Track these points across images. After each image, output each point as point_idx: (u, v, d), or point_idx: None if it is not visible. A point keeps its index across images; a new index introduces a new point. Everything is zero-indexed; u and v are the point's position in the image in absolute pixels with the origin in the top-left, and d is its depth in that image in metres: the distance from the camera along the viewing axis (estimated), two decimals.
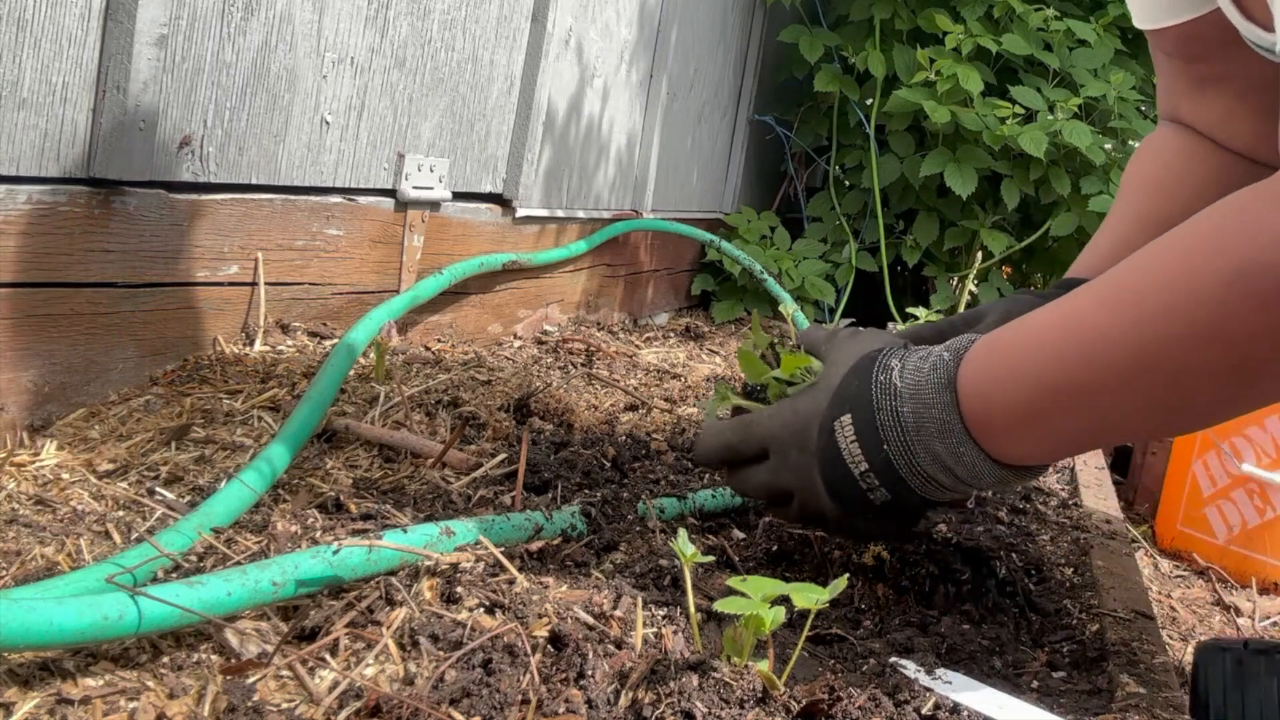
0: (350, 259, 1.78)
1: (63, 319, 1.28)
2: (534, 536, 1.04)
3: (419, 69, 1.86)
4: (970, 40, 3.09)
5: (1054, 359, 0.88)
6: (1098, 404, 0.87)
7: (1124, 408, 0.86)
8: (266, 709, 0.74)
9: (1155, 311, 0.83)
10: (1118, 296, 0.87)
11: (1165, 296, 0.82)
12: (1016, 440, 0.91)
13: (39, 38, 1.18)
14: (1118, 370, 0.85)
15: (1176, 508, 2.13)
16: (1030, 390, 0.89)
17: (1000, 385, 0.90)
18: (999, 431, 0.91)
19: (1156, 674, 1.00)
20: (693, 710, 0.73)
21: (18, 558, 0.94)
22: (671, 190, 3.10)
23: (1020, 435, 0.91)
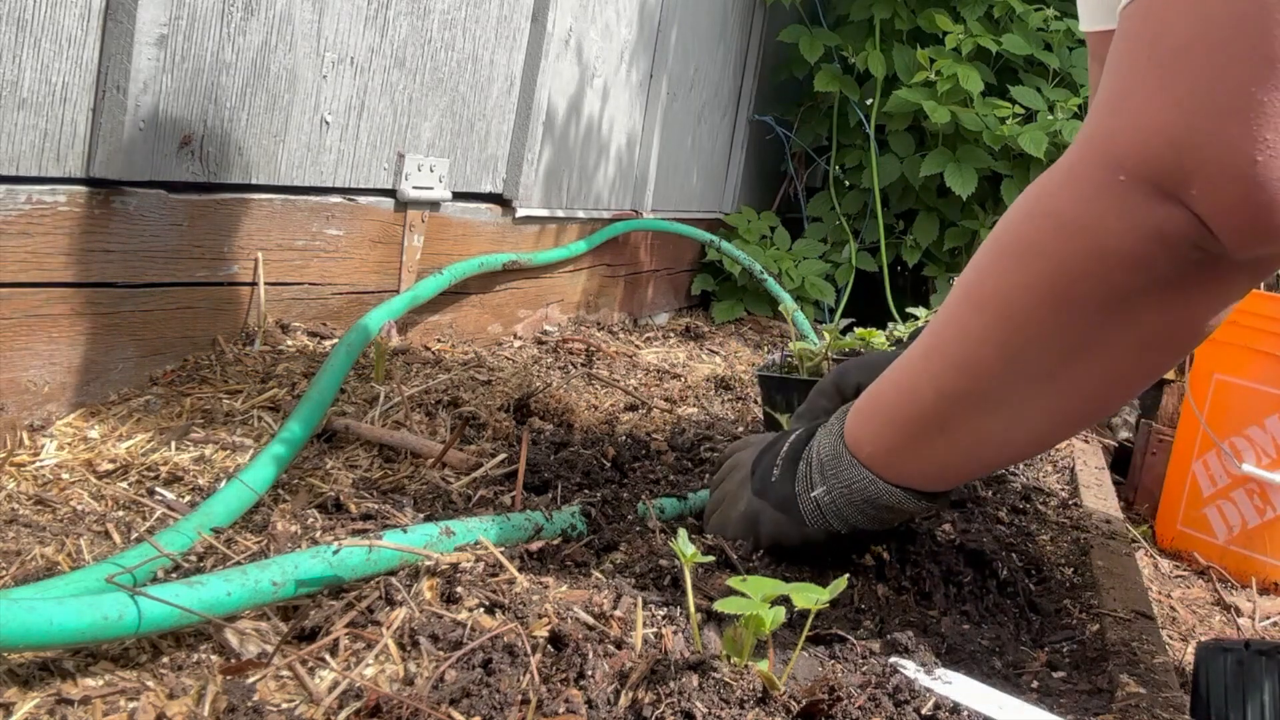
0: (350, 259, 1.78)
1: (63, 319, 1.28)
2: (534, 536, 1.04)
3: (419, 69, 1.86)
4: (970, 40, 3.09)
5: (912, 380, 0.97)
6: (955, 401, 0.94)
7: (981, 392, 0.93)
8: (266, 709, 0.74)
9: (965, 309, 0.93)
10: (945, 310, 0.96)
11: (970, 297, 0.93)
12: (901, 459, 0.99)
13: (39, 38, 1.18)
14: (958, 362, 0.93)
15: (1176, 508, 2.13)
16: (896, 410, 0.98)
17: (871, 415, 1.01)
18: (869, 438, 1.00)
19: (1156, 674, 1.00)
20: (693, 710, 0.73)
21: (18, 558, 0.94)
22: (671, 190, 3.10)
23: (903, 451, 0.98)
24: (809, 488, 1.03)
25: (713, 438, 1.57)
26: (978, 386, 0.91)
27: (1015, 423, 0.93)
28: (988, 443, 0.96)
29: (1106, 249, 0.82)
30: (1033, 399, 0.91)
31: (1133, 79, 0.81)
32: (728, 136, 3.46)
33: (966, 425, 0.94)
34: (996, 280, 0.89)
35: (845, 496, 1.01)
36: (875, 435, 0.99)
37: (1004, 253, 0.90)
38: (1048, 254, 0.85)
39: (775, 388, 1.71)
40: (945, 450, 0.97)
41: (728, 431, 1.66)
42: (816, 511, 1.03)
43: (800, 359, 1.74)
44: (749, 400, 1.99)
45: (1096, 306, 0.84)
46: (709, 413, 1.85)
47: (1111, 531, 1.52)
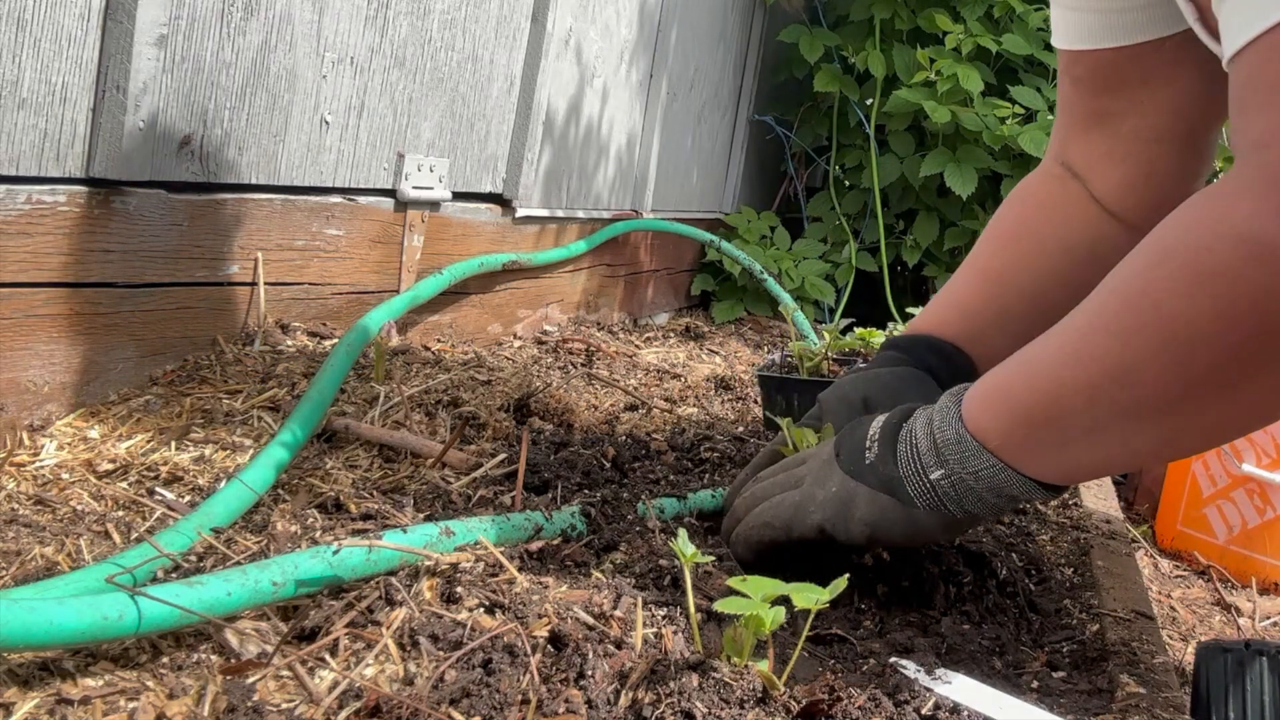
0: (350, 259, 1.78)
1: (63, 319, 1.28)
2: (534, 536, 1.04)
3: (419, 69, 1.86)
4: (970, 40, 3.09)
5: (1054, 382, 0.95)
6: (1090, 402, 0.92)
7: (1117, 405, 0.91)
8: (266, 709, 0.74)
9: (1119, 313, 0.91)
10: (1092, 308, 0.94)
11: (1124, 302, 0.91)
12: (1028, 450, 0.96)
13: (39, 38, 1.18)
14: (1101, 364, 0.91)
15: (1176, 508, 2.13)
16: (1031, 397, 0.96)
17: (1001, 408, 0.98)
18: (999, 429, 0.97)
19: (1156, 674, 1.00)
20: (693, 710, 0.73)
21: (18, 558, 0.94)
22: (671, 190, 3.10)
23: (1036, 448, 0.96)
24: (921, 469, 1.00)
25: (713, 438, 1.57)
26: (1139, 400, 0.90)
27: (1171, 434, 0.92)
28: (1137, 451, 0.94)
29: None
30: (1199, 414, 0.90)
31: None
32: (728, 136, 3.46)
33: (1118, 434, 0.92)
34: (1174, 303, 0.87)
35: (968, 483, 0.99)
36: (1007, 430, 0.97)
37: (1183, 272, 0.87)
38: (1239, 279, 0.83)
39: (775, 388, 1.71)
40: (1086, 453, 0.95)
41: (728, 431, 1.66)
42: (930, 494, 1.00)
43: (800, 359, 1.74)
44: (749, 400, 1.99)
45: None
46: (709, 413, 1.85)
47: (1111, 531, 1.52)
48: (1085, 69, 1.22)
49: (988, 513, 1.02)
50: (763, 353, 2.71)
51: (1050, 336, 0.97)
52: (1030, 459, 0.97)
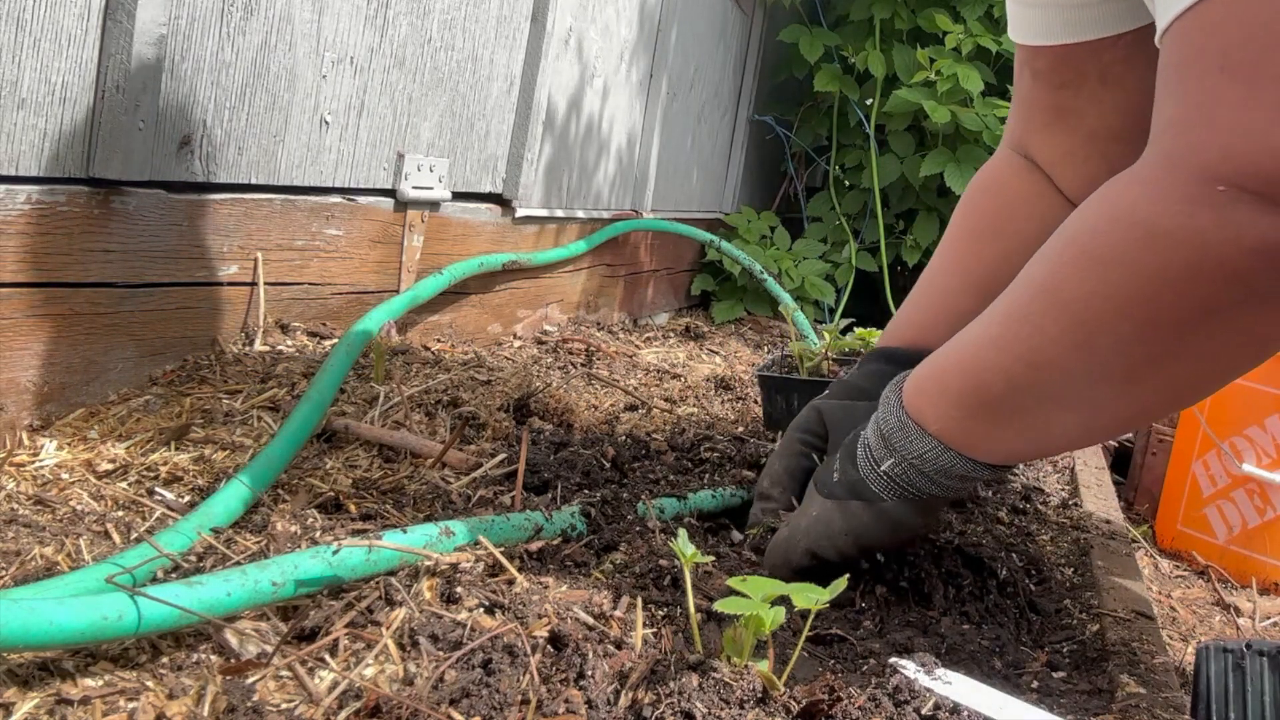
0: (350, 259, 1.78)
1: (63, 319, 1.28)
2: (534, 537, 1.04)
3: (419, 69, 1.86)
4: (970, 40, 3.09)
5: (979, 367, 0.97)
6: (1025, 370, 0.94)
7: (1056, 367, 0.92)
8: (266, 709, 0.74)
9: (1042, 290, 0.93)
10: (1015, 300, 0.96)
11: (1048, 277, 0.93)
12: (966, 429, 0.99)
13: (38, 37, 1.18)
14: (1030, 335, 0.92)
15: (1176, 508, 2.13)
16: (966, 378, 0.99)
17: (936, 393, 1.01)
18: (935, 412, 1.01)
19: (1156, 674, 1.00)
20: (693, 710, 0.73)
21: (18, 558, 0.94)
22: (671, 190, 3.09)
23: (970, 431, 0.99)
24: (874, 464, 1.04)
25: (713, 438, 1.57)
26: (1051, 383, 0.92)
27: (1088, 417, 0.94)
28: (1058, 433, 0.96)
29: (1204, 262, 0.81)
30: (1109, 397, 0.91)
31: (1209, 92, 0.80)
32: (728, 136, 3.46)
33: (1037, 416, 0.95)
34: (1077, 285, 0.89)
35: (916, 467, 1.02)
36: (943, 413, 1.00)
37: (1086, 257, 0.89)
38: (1136, 265, 0.84)
39: (775, 388, 1.71)
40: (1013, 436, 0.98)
41: (728, 431, 1.66)
42: (889, 484, 1.03)
43: (800, 359, 1.74)
44: (749, 400, 1.99)
45: (1187, 318, 0.83)
46: (709, 413, 1.85)
47: (1111, 531, 1.52)
48: (1046, 64, 1.23)
49: (943, 493, 1.04)
50: (763, 353, 2.71)
51: (979, 321, 0.99)
52: (967, 440, 0.99)
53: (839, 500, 1.06)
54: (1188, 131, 0.83)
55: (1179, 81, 0.84)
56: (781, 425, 1.67)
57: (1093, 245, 0.88)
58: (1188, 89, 0.83)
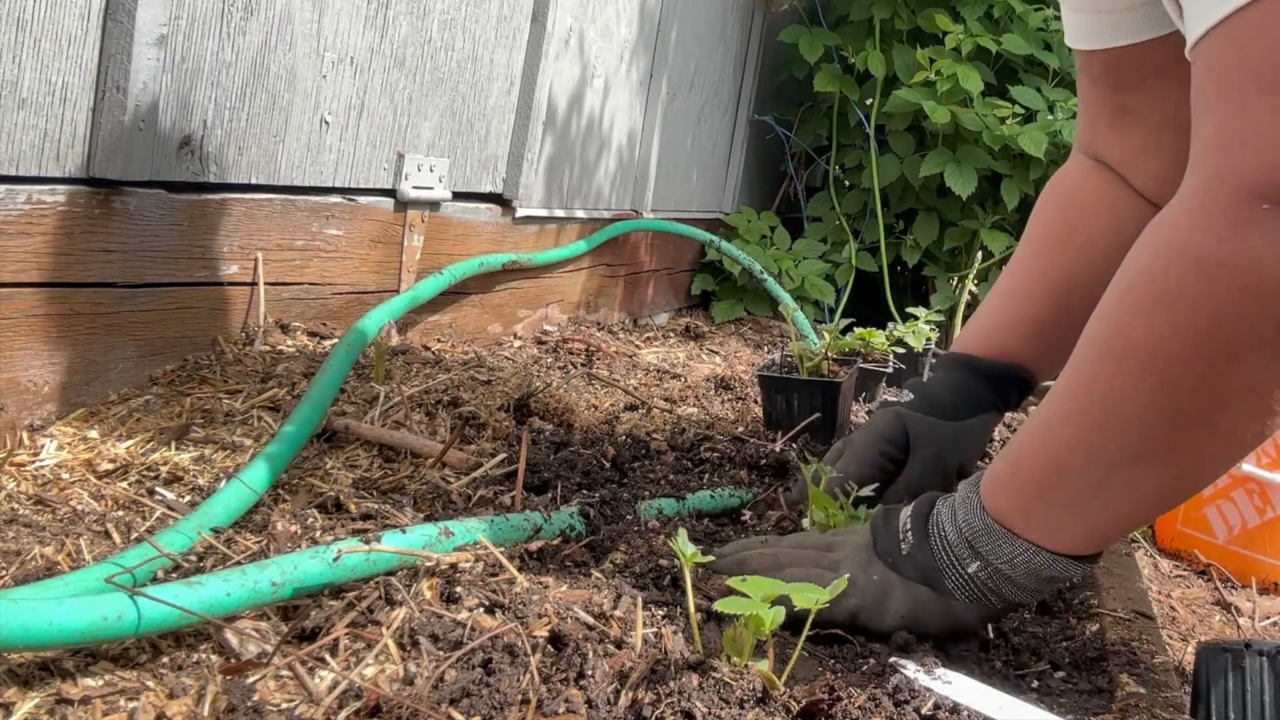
0: (350, 259, 1.78)
1: (63, 319, 1.28)
2: (532, 537, 1.04)
3: (419, 69, 1.86)
4: (970, 40, 3.09)
5: (1054, 447, 0.94)
6: (1095, 460, 0.91)
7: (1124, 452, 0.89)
8: (266, 709, 0.74)
9: (1097, 368, 0.91)
10: (1078, 372, 0.93)
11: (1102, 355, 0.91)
12: (1049, 523, 0.95)
13: (38, 38, 1.18)
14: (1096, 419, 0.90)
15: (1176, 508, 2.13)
16: (1038, 472, 0.95)
17: (1015, 488, 0.97)
18: (1020, 510, 0.96)
19: (1156, 674, 1.00)
20: (693, 710, 0.73)
21: (18, 558, 0.94)
22: (671, 190, 3.10)
23: (1058, 521, 0.95)
24: (956, 562, 0.98)
25: (713, 438, 1.57)
26: (1132, 443, 0.89)
27: (1178, 472, 0.90)
28: (1147, 498, 0.92)
29: (1263, 283, 0.80)
30: (1194, 444, 0.88)
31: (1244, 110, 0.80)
32: (728, 136, 3.46)
33: (1123, 484, 0.91)
34: (1144, 330, 0.86)
35: (1004, 572, 0.97)
36: (1026, 507, 0.95)
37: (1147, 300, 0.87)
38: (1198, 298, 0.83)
39: (775, 388, 1.71)
40: (1102, 512, 0.93)
41: (728, 431, 1.66)
42: (970, 587, 0.98)
43: (800, 359, 1.74)
44: (749, 400, 1.99)
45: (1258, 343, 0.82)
46: (709, 413, 1.85)
47: None
48: (1100, 67, 1.23)
49: (1027, 598, 1.00)
50: (763, 353, 2.71)
51: (1046, 400, 0.96)
52: (1053, 532, 0.95)
53: (904, 579, 0.99)
54: (1225, 152, 0.82)
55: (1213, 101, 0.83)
56: (782, 425, 1.67)
57: (1151, 288, 0.86)
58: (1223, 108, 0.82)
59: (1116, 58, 1.19)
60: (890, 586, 0.99)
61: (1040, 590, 0.99)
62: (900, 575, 1.00)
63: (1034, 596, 1.00)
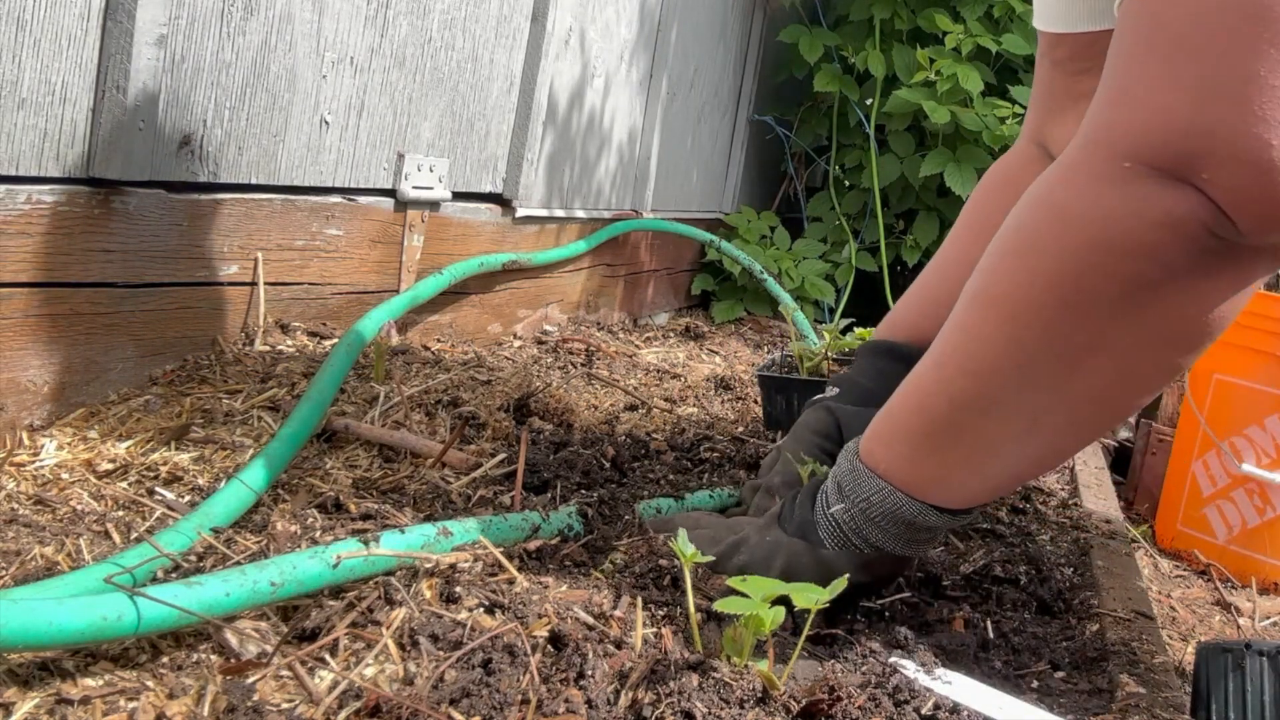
0: (350, 259, 1.78)
1: (63, 319, 1.28)
2: (530, 536, 1.04)
3: (419, 69, 1.86)
4: (970, 40, 3.09)
5: (922, 390, 0.96)
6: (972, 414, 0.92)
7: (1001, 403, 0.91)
8: (266, 709, 0.74)
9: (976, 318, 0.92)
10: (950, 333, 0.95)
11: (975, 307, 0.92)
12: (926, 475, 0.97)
13: (38, 37, 1.18)
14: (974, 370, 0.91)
15: (1176, 508, 2.13)
16: (917, 422, 0.97)
17: (886, 430, 0.99)
18: (884, 450, 0.98)
19: (1156, 674, 1.00)
20: (693, 710, 0.73)
21: (18, 558, 0.94)
22: (671, 190, 3.10)
23: (919, 465, 0.96)
24: (826, 506, 1.01)
25: (712, 438, 1.57)
26: (988, 391, 0.90)
27: (1028, 431, 0.91)
28: (1002, 454, 0.93)
29: (1112, 239, 0.81)
30: (1045, 404, 0.89)
31: (1133, 71, 0.81)
32: (728, 136, 3.46)
33: (979, 434, 0.92)
34: (1001, 280, 0.88)
35: (864, 512, 0.98)
36: (890, 449, 0.97)
37: (1007, 251, 0.89)
38: (1050, 249, 0.84)
39: (775, 388, 1.71)
40: (960, 463, 0.94)
41: (728, 431, 1.66)
42: (837, 531, 0.99)
43: (800, 359, 1.74)
44: (749, 400, 1.99)
45: (1106, 300, 0.83)
46: (709, 413, 1.85)
47: (1111, 531, 1.52)
48: (1066, 51, 1.23)
49: (892, 545, 1.00)
50: (763, 353, 2.71)
51: (930, 348, 0.98)
52: (914, 477, 0.96)
53: (791, 538, 1.02)
54: (1106, 110, 0.83)
55: (1113, 64, 0.84)
56: (782, 425, 1.67)
57: (1017, 239, 0.88)
58: (1120, 70, 0.83)
59: (1086, 42, 1.20)
60: (778, 545, 1.03)
61: (902, 536, 0.99)
62: (785, 532, 1.03)
63: (898, 544, 1.00)
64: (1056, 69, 1.26)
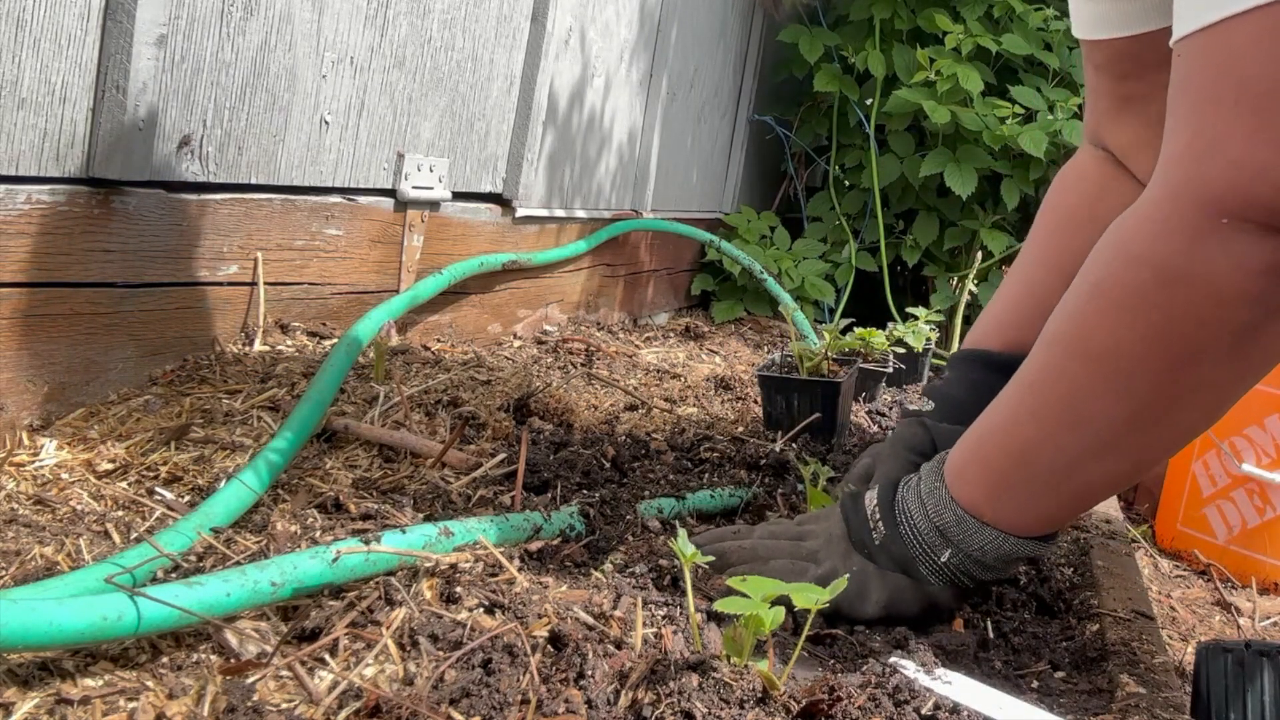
0: (350, 259, 1.78)
1: (63, 319, 1.28)
2: (532, 537, 1.04)
3: (419, 68, 1.86)
4: (970, 40, 3.09)
5: (1022, 441, 0.98)
6: (1052, 443, 0.96)
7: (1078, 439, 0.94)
8: (266, 709, 0.74)
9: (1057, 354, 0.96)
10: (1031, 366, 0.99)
11: (1058, 346, 0.96)
12: (1009, 505, 1.00)
13: (38, 37, 1.18)
14: (1054, 409, 0.95)
15: (1176, 508, 2.13)
16: (997, 456, 1.00)
17: (985, 479, 1.01)
18: (988, 501, 1.01)
19: (1156, 674, 1.00)
20: (693, 710, 0.73)
21: (17, 558, 0.94)
22: (671, 190, 3.09)
23: (1026, 509, 1.00)
24: (928, 550, 1.03)
25: (712, 438, 1.57)
26: (1096, 438, 0.93)
27: (1135, 461, 0.95)
28: (1106, 483, 0.98)
29: (1220, 292, 0.84)
30: (1152, 438, 0.93)
31: (1221, 123, 0.82)
32: (728, 136, 3.46)
33: (1085, 474, 0.96)
34: (1108, 335, 0.90)
35: (978, 560, 1.02)
36: (995, 499, 1.00)
37: (1108, 304, 0.91)
38: (1157, 306, 0.87)
39: (775, 388, 1.71)
40: (1068, 497, 0.99)
41: (727, 431, 1.66)
42: (943, 572, 1.03)
43: (800, 359, 1.74)
44: (749, 400, 1.99)
45: (1214, 348, 0.86)
46: (709, 413, 1.85)
47: (1111, 531, 1.52)
48: (1104, 57, 1.25)
49: (996, 577, 1.06)
50: (763, 353, 2.71)
51: (1009, 393, 1.00)
52: (1022, 519, 1.00)
53: (880, 568, 1.05)
54: (1195, 163, 0.84)
55: (1191, 107, 0.85)
56: (782, 425, 1.68)
57: (1115, 293, 0.90)
58: (1199, 118, 0.84)
59: (1120, 48, 1.21)
60: (868, 577, 1.05)
61: (1008, 568, 1.06)
62: (876, 565, 1.05)
63: (1002, 575, 1.06)
64: (1099, 74, 1.28)
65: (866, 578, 1.04)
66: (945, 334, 3.16)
